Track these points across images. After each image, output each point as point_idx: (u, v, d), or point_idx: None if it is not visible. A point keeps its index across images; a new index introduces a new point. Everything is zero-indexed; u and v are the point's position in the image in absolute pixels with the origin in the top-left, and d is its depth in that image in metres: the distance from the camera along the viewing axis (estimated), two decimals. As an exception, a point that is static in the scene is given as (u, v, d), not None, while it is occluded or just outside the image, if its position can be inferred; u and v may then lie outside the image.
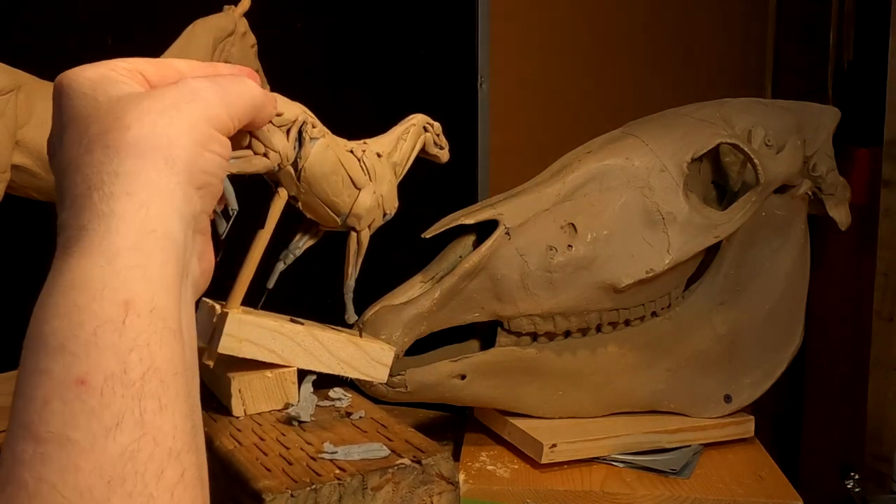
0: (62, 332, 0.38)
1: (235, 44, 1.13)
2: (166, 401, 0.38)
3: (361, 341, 0.78)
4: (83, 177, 0.41)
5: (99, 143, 0.41)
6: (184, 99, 0.44)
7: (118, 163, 0.41)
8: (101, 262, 0.39)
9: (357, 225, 0.75)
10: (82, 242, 0.39)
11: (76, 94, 0.44)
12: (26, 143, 0.89)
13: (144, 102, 0.43)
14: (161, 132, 0.42)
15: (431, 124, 0.83)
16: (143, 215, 0.40)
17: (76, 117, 0.43)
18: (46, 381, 0.37)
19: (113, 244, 0.39)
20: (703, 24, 1.99)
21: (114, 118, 0.42)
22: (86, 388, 0.37)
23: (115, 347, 0.37)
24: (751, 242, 1.04)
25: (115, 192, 0.40)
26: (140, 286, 0.39)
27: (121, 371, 0.37)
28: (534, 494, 0.92)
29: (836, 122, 1.09)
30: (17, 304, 1.37)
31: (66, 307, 0.38)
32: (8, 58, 0.90)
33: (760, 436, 1.06)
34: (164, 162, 0.42)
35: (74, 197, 0.41)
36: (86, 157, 0.41)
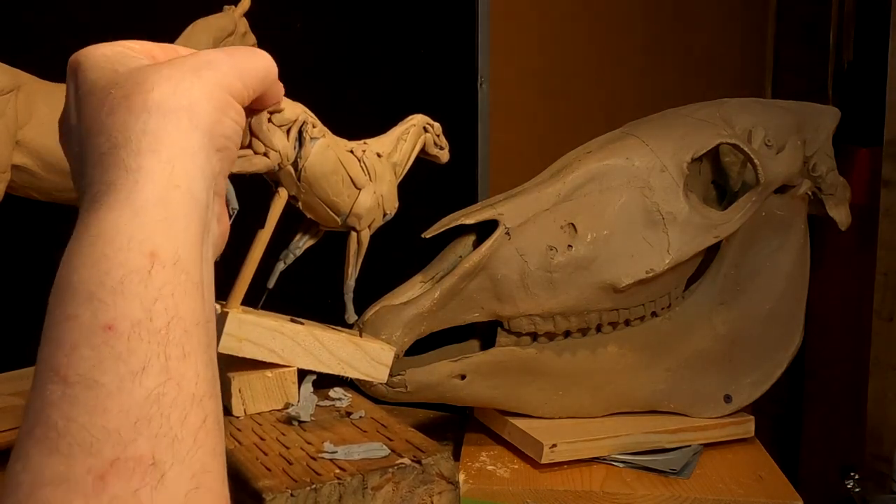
0: (90, 281, 0.39)
1: (235, 44, 1.13)
2: (189, 349, 0.39)
3: (361, 341, 0.78)
4: (107, 137, 0.42)
5: (123, 105, 0.42)
6: (202, 66, 0.45)
7: (143, 122, 0.42)
8: (129, 215, 0.40)
9: (357, 225, 0.75)
10: (109, 196, 0.41)
11: (93, 66, 0.45)
12: (26, 143, 0.89)
13: (164, 70, 0.44)
14: (183, 95, 0.43)
15: (431, 125, 0.83)
16: (169, 172, 0.41)
17: (94, 87, 0.44)
18: (75, 326, 0.38)
19: (140, 198, 0.40)
20: (703, 24, 1.98)
21: (135, 83, 0.43)
22: (113, 333, 0.38)
23: (140, 296, 0.39)
24: (751, 242, 1.04)
25: (141, 148, 0.41)
26: (165, 239, 0.40)
27: (146, 319, 0.38)
28: (534, 494, 0.92)
29: (836, 122, 1.09)
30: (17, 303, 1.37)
31: (93, 257, 0.39)
32: (8, 58, 0.90)
33: (760, 436, 1.06)
34: (188, 122, 0.43)
35: (100, 156, 0.42)
36: (109, 119, 0.42)
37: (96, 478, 0.35)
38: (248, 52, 0.49)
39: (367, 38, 1.60)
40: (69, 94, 0.46)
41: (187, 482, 0.37)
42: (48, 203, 0.96)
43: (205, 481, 0.37)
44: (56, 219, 1.13)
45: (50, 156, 0.91)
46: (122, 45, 0.47)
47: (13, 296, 1.31)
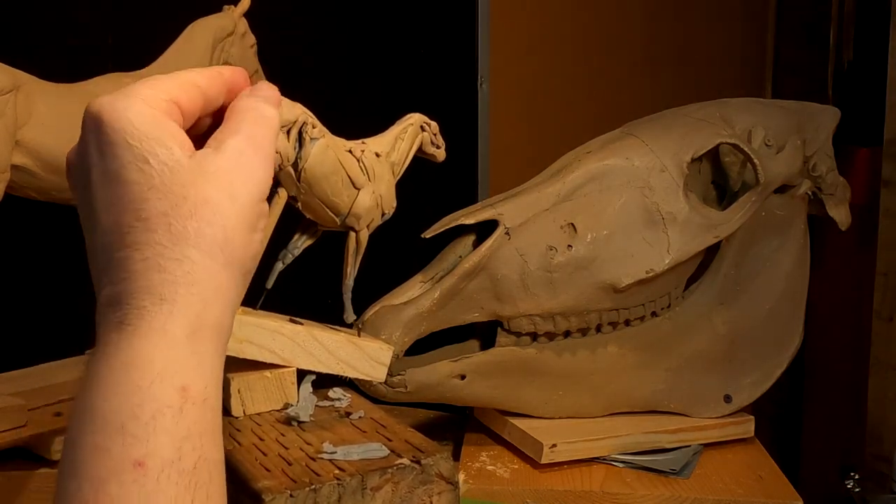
0: (122, 412, 0.38)
1: (235, 44, 1.13)
2: (212, 492, 0.39)
3: (360, 341, 0.78)
4: (143, 255, 0.42)
5: (161, 225, 0.42)
6: (235, 178, 0.45)
7: (181, 251, 0.42)
8: (162, 346, 0.40)
9: (356, 225, 0.74)
10: (142, 322, 0.40)
11: (122, 142, 0.43)
12: (26, 143, 0.89)
13: (202, 188, 0.43)
14: (218, 225, 0.43)
15: (429, 123, 0.83)
16: (202, 308, 0.42)
17: (125, 176, 0.43)
18: (104, 458, 0.38)
19: (173, 330, 0.41)
20: (702, 24, 1.98)
21: (174, 201, 0.43)
22: (143, 471, 0.37)
23: (171, 434, 0.38)
24: (751, 242, 1.04)
25: (177, 279, 0.41)
26: (196, 375, 0.40)
27: (176, 458, 0.38)
28: (534, 494, 0.92)
29: (836, 122, 1.09)
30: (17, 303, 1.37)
31: (126, 386, 0.39)
32: (8, 58, 0.90)
33: (760, 436, 1.06)
34: (222, 257, 0.43)
35: (132, 272, 0.42)
36: (146, 236, 0.42)
37: None
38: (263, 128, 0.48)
39: (367, 38, 1.60)
40: (88, 150, 0.44)
41: None
42: (48, 203, 0.96)
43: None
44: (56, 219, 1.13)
45: (49, 156, 0.91)
46: (146, 100, 0.45)
47: (13, 296, 1.31)
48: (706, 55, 1.97)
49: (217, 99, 0.49)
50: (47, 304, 1.34)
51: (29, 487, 0.91)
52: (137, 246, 0.42)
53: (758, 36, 1.94)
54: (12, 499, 0.90)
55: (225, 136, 0.46)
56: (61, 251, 1.32)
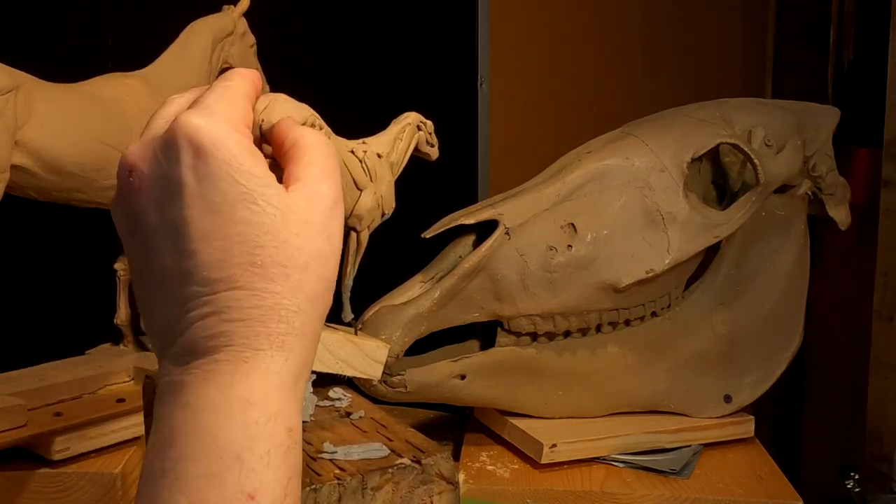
0: (239, 445, 0.40)
1: (235, 44, 1.13)
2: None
3: (358, 339, 0.78)
4: (261, 301, 0.43)
5: (279, 276, 0.43)
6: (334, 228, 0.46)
7: (297, 304, 0.43)
8: (278, 390, 0.42)
9: (358, 226, 0.75)
10: (259, 364, 0.42)
11: (227, 177, 0.43)
12: (26, 143, 0.89)
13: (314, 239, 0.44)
14: (325, 279, 0.45)
15: (424, 123, 0.84)
16: (306, 357, 0.44)
17: (233, 216, 0.42)
18: (218, 486, 0.39)
19: (286, 375, 0.42)
20: (703, 24, 1.98)
21: (289, 253, 0.43)
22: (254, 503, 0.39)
23: (280, 471, 0.40)
24: (751, 242, 1.04)
25: (294, 330, 0.43)
26: (297, 418, 0.43)
27: (282, 496, 0.40)
28: (534, 494, 0.92)
29: (836, 122, 1.09)
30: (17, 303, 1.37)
31: (244, 420, 0.40)
32: (8, 58, 0.90)
33: (760, 436, 1.06)
34: (323, 307, 0.46)
35: (247, 315, 0.42)
36: (263, 283, 0.43)
37: None
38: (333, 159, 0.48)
39: (367, 38, 1.60)
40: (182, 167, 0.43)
41: None
42: (48, 203, 0.96)
43: None
44: (56, 219, 1.13)
45: (49, 156, 0.91)
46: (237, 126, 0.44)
47: (13, 296, 1.31)
48: (706, 55, 1.97)
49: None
50: (47, 304, 1.34)
51: (29, 487, 0.91)
52: (255, 291, 0.43)
53: (758, 36, 1.94)
54: (12, 499, 0.90)
55: (309, 176, 0.46)
56: (61, 251, 1.33)
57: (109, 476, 0.92)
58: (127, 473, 0.94)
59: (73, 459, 0.93)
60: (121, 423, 0.97)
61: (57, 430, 0.91)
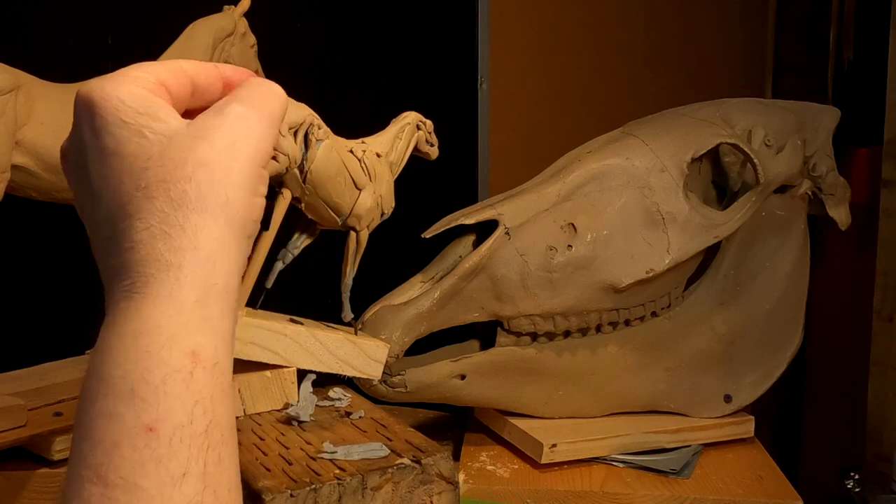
0: (132, 377, 0.39)
1: (235, 44, 1.13)
2: (224, 455, 0.39)
3: (358, 339, 0.78)
4: (145, 224, 0.42)
5: (160, 191, 0.42)
6: (234, 141, 0.44)
7: (183, 216, 0.42)
8: (171, 312, 0.40)
9: (357, 225, 0.75)
10: (149, 290, 0.40)
11: (115, 121, 0.44)
12: (26, 143, 0.89)
13: (199, 150, 0.43)
14: (219, 186, 0.43)
15: (424, 122, 0.84)
16: (209, 270, 0.42)
17: (121, 152, 0.43)
18: (116, 424, 0.38)
19: (181, 295, 0.41)
20: (703, 24, 1.98)
21: (171, 166, 0.42)
22: (155, 435, 0.37)
23: (182, 398, 0.39)
24: (751, 242, 1.04)
25: (182, 245, 0.41)
26: (205, 339, 0.41)
27: (188, 422, 0.38)
28: (534, 494, 0.92)
29: (836, 122, 1.09)
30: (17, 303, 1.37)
31: (135, 353, 0.39)
32: (8, 58, 0.90)
33: (760, 436, 1.06)
34: (225, 218, 0.43)
35: (138, 243, 0.41)
36: (147, 204, 0.42)
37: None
38: (267, 99, 0.48)
39: (366, 38, 1.60)
40: (84, 136, 0.44)
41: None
42: (48, 203, 0.96)
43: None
44: (56, 219, 1.13)
45: (49, 156, 0.91)
46: (134, 80, 0.45)
47: (13, 296, 1.31)
48: (706, 55, 1.97)
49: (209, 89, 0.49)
50: (47, 304, 1.34)
51: (29, 487, 0.91)
52: (140, 215, 0.42)
53: (758, 36, 1.94)
54: (12, 499, 0.90)
55: (227, 101, 0.46)
56: (61, 251, 1.32)
57: (109, 476, 0.92)
58: (127, 473, 0.94)
59: (72, 459, 0.93)
60: (121, 423, 0.97)
61: (57, 430, 0.91)
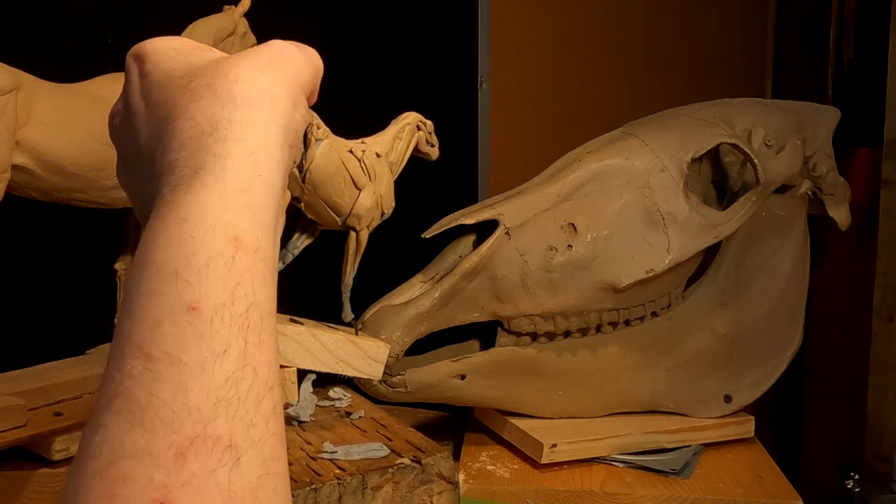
0: (176, 260, 0.39)
1: (235, 44, 1.13)
2: (265, 336, 0.41)
3: (358, 339, 0.78)
4: (193, 122, 0.43)
5: (208, 93, 0.44)
6: (279, 59, 0.47)
7: (230, 111, 0.43)
8: (215, 199, 0.41)
9: (357, 225, 0.75)
10: (197, 180, 0.41)
11: (165, 57, 0.47)
12: (26, 143, 0.89)
13: (245, 60, 0.46)
14: (264, 88, 0.45)
15: (424, 122, 0.84)
16: (254, 161, 0.43)
17: (171, 76, 0.46)
18: (159, 303, 0.39)
19: (226, 184, 0.41)
20: (703, 24, 1.98)
21: (218, 72, 0.45)
22: (197, 314, 0.38)
23: (224, 279, 0.39)
24: (751, 242, 1.04)
25: (229, 136, 0.43)
26: (248, 225, 0.41)
27: (229, 302, 0.39)
28: (534, 494, 0.92)
29: (836, 122, 1.09)
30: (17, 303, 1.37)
31: (180, 237, 0.40)
32: (8, 58, 0.90)
33: (760, 436, 1.06)
34: (270, 115, 0.44)
35: (185, 140, 0.43)
36: (194, 104, 0.44)
37: (177, 454, 0.36)
38: (308, 49, 0.50)
39: (366, 38, 1.60)
40: (132, 82, 0.47)
41: (259, 467, 0.37)
42: (48, 203, 0.96)
43: (273, 467, 0.38)
44: (56, 219, 1.13)
45: (50, 156, 0.91)
46: (183, 39, 0.48)
47: (13, 296, 1.31)
48: (706, 55, 1.97)
49: None
50: (47, 304, 1.34)
51: (29, 487, 0.91)
52: (187, 115, 0.43)
53: (758, 36, 1.94)
54: (12, 499, 0.90)
55: (257, 48, 0.48)
56: (61, 251, 1.32)
57: (109, 476, 0.92)
58: (127, 473, 0.93)
59: (73, 459, 0.93)
60: (121, 422, 0.97)
61: (57, 430, 0.91)
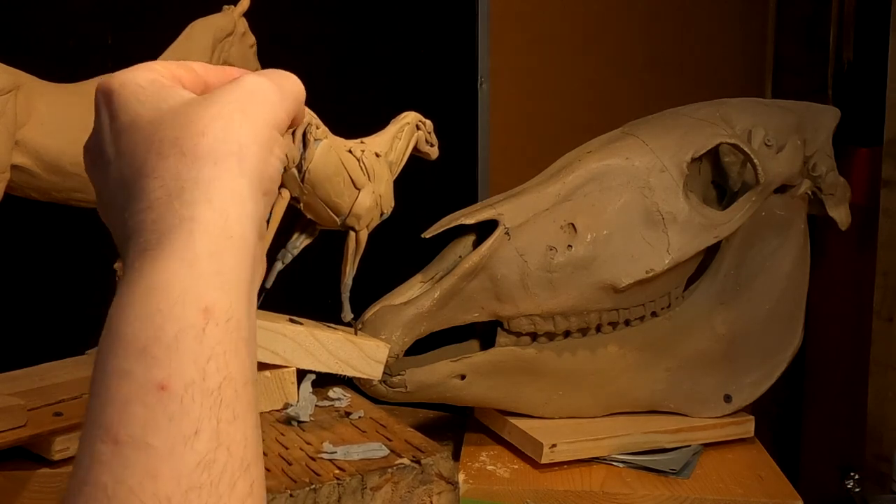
0: (144, 335, 0.38)
1: (235, 44, 1.13)
2: (239, 411, 0.38)
3: (358, 339, 0.78)
4: (160, 182, 0.41)
5: (174, 149, 0.41)
6: (248, 102, 0.44)
7: (196, 170, 0.41)
8: (184, 268, 0.39)
9: (356, 225, 0.74)
10: (163, 247, 0.40)
11: (132, 99, 0.44)
12: (26, 143, 0.89)
13: (212, 108, 0.43)
14: (232, 139, 0.42)
15: (423, 122, 0.84)
16: (223, 222, 0.41)
17: (138, 122, 0.43)
18: (127, 383, 0.37)
19: (194, 249, 0.39)
20: (703, 24, 1.98)
21: (184, 123, 0.42)
22: (166, 393, 0.37)
23: (195, 354, 0.38)
24: (751, 242, 1.04)
25: (195, 198, 0.40)
26: (219, 293, 0.39)
27: (200, 379, 0.37)
28: (534, 494, 0.92)
29: (836, 122, 1.09)
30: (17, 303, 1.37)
31: (147, 310, 0.38)
32: (8, 58, 0.90)
33: (760, 436, 1.06)
34: (238, 168, 0.42)
35: (152, 201, 0.41)
36: (161, 163, 0.41)
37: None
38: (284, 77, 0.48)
39: (367, 38, 1.60)
40: (102, 122, 0.45)
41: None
42: (48, 203, 0.96)
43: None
44: (56, 219, 1.13)
45: (49, 156, 0.91)
46: (150, 69, 0.45)
47: (13, 296, 1.31)
48: (706, 55, 1.97)
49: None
50: (47, 304, 1.34)
51: (29, 487, 0.91)
52: (155, 174, 0.41)
53: (758, 36, 1.94)
54: (12, 499, 0.90)
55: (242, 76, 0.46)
56: (61, 251, 1.32)
57: (109, 476, 0.92)
58: (127, 473, 0.94)
59: (73, 459, 0.93)
60: (121, 423, 0.97)
61: (57, 430, 0.91)
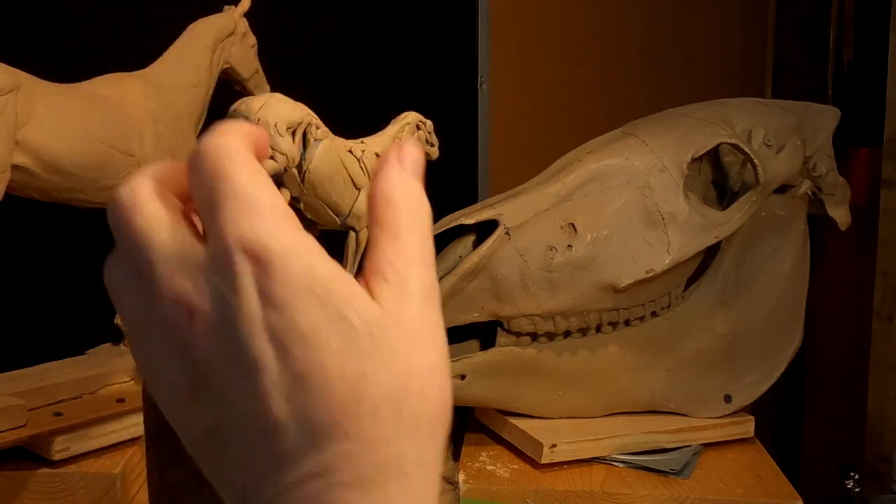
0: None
1: (235, 44, 1.13)
2: None
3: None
4: (374, 454, 0.34)
5: (391, 413, 0.34)
6: (437, 328, 0.39)
7: (417, 445, 0.35)
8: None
9: (356, 225, 0.75)
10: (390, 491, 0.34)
11: (307, 293, 0.34)
12: (26, 143, 0.89)
13: (420, 351, 0.37)
14: (440, 400, 0.37)
15: (424, 122, 0.84)
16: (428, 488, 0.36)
17: (321, 343, 0.33)
18: None
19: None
20: (702, 24, 1.98)
21: (398, 376, 0.35)
22: None
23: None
24: (751, 242, 1.04)
25: (413, 484, 0.35)
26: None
27: None
28: (534, 494, 0.92)
29: (836, 122, 1.09)
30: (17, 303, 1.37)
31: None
32: (8, 58, 0.90)
33: (760, 436, 1.06)
34: (442, 433, 0.37)
35: (361, 472, 0.34)
36: (374, 427, 0.34)
37: None
38: (427, 223, 0.39)
39: (366, 38, 1.60)
40: (240, 283, 0.33)
41: None
42: (48, 203, 0.96)
43: None
44: (56, 219, 1.13)
45: (49, 156, 0.91)
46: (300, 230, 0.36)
47: (13, 296, 1.31)
48: (706, 55, 1.97)
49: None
50: (47, 304, 1.34)
51: (29, 487, 0.91)
52: (367, 440, 0.34)
53: (758, 36, 1.94)
54: (12, 499, 0.90)
55: (398, 263, 0.37)
56: (61, 251, 1.33)
57: (109, 476, 0.92)
58: (127, 473, 0.94)
59: (73, 459, 0.93)
60: (121, 423, 0.97)
61: (57, 430, 0.91)
